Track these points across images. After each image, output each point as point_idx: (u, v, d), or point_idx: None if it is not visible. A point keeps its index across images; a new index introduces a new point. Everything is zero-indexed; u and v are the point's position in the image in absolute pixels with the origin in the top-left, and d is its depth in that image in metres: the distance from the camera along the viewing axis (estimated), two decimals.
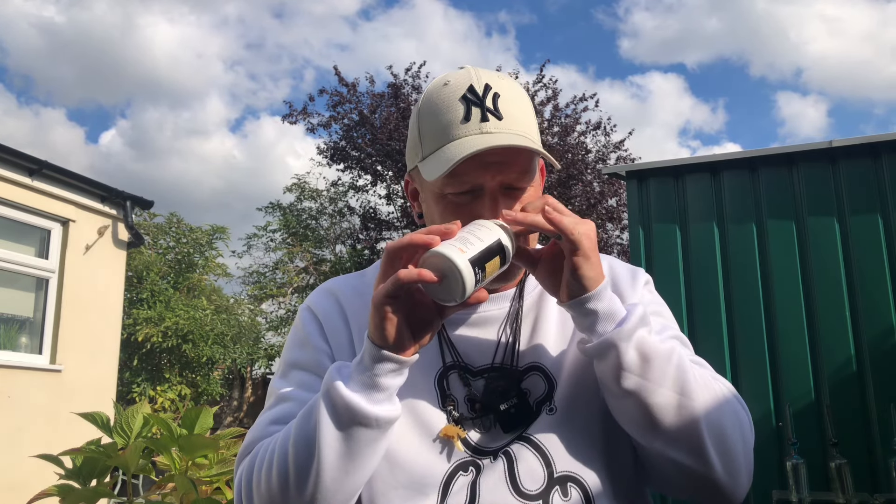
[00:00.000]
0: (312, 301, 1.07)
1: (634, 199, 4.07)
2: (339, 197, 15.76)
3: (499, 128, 0.91)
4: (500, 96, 0.92)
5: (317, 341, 1.01)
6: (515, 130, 0.91)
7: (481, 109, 0.91)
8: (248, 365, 14.96)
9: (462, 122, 0.91)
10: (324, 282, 1.12)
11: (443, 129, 0.92)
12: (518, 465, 0.92)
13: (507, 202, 0.93)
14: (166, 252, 14.72)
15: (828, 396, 3.44)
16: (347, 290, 1.06)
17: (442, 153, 0.91)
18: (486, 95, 0.92)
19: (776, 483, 3.36)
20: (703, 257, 3.85)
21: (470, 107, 0.91)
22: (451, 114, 0.92)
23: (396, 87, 13.75)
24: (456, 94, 0.92)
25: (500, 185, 0.93)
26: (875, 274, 3.52)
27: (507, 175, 0.92)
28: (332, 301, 1.05)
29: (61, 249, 7.04)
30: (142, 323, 12.66)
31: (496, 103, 0.92)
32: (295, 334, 1.06)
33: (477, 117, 0.91)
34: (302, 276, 15.74)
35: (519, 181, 0.93)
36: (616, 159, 13.94)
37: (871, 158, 3.67)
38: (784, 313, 3.63)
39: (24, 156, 6.52)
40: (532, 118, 0.96)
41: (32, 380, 6.56)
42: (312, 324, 1.03)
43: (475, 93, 0.92)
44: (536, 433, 0.93)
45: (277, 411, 0.97)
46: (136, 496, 3.21)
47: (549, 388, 0.96)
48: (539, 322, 1.01)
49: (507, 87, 0.94)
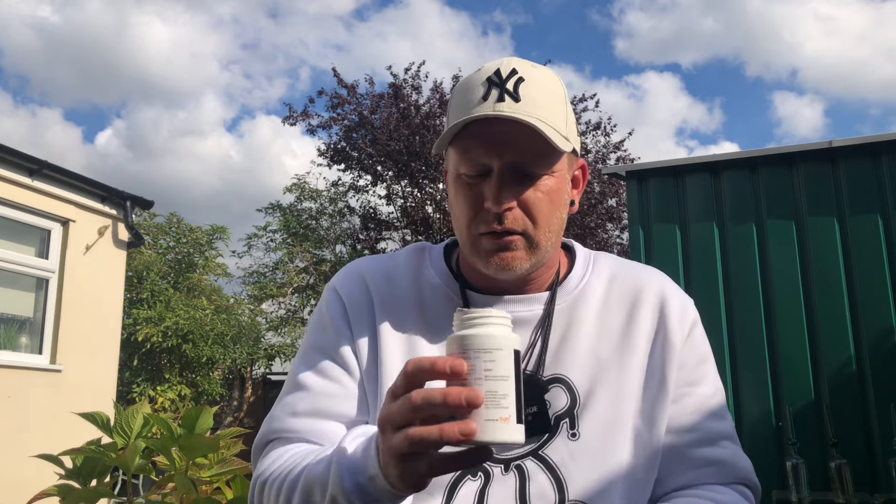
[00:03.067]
0: (339, 282, 1.03)
1: (634, 200, 4.07)
2: (339, 197, 15.76)
3: (512, 109, 0.88)
4: (525, 81, 0.90)
5: (339, 325, 0.99)
6: (529, 112, 0.88)
7: (500, 90, 0.89)
8: (248, 365, 14.94)
9: (479, 102, 0.89)
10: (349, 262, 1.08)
11: (461, 108, 0.91)
12: (530, 484, 0.90)
13: (516, 188, 0.90)
14: (166, 252, 14.71)
15: (828, 396, 3.44)
16: (377, 274, 1.02)
17: (451, 128, 0.90)
18: (510, 79, 0.89)
19: (776, 483, 3.36)
20: (703, 257, 3.85)
21: (490, 88, 0.89)
22: (472, 94, 0.90)
23: (396, 87, 13.75)
24: (482, 77, 0.91)
25: (509, 167, 0.89)
26: (875, 274, 3.52)
27: (516, 156, 0.89)
28: (360, 284, 1.01)
29: (61, 249, 7.04)
30: (142, 323, 12.65)
31: (517, 86, 0.89)
32: (318, 315, 1.03)
33: (494, 98, 0.89)
34: (302, 276, 15.74)
35: (530, 165, 0.90)
36: (616, 160, 13.94)
37: (871, 158, 3.67)
38: (784, 313, 3.63)
39: (24, 156, 6.52)
40: (558, 107, 0.92)
41: (32, 380, 6.56)
42: (337, 306, 1.00)
43: (499, 75, 0.90)
44: (554, 455, 0.91)
45: (294, 401, 0.96)
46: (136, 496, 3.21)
47: (571, 404, 0.93)
48: (570, 330, 0.97)
49: (536, 74, 0.92)
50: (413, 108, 13.58)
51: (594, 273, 1.03)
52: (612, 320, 0.98)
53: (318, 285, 15.25)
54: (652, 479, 0.94)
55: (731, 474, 0.96)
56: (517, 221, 0.91)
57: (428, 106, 13.66)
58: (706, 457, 0.95)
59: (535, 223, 0.91)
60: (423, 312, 0.99)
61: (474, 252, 0.94)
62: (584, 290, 1.00)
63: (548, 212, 0.92)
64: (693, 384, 0.98)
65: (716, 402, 0.99)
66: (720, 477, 0.95)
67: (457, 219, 0.95)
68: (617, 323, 0.98)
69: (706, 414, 0.97)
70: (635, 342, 0.97)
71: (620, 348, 0.96)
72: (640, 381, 0.96)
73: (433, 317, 0.98)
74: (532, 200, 0.91)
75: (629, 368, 0.95)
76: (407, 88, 13.78)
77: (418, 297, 1.00)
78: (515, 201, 0.90)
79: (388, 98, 13.88)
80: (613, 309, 0.99)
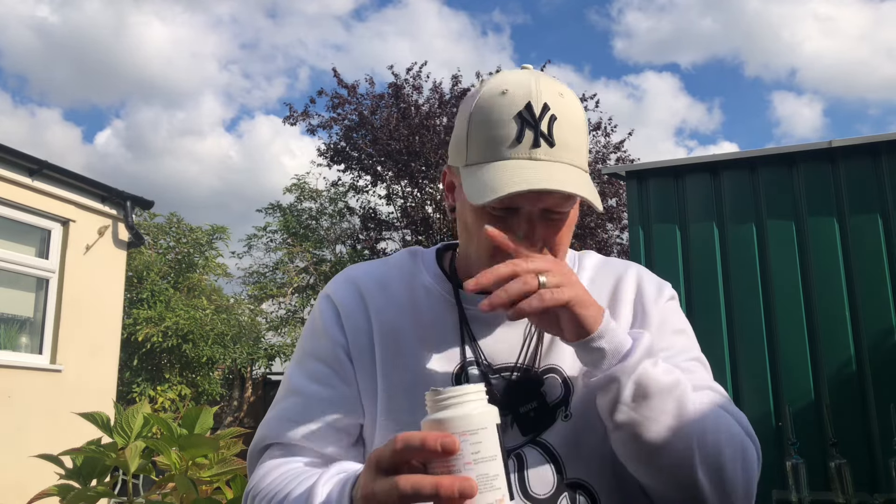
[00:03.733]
0: (333, 290, 1.04)
1: (634, 200, 4.08)
2: (338, 197, 15.77)
3: (549, 155, 0.88)
4: (557, 119, 0.89)
5: (334, 332, 1.00)
6: (565, 160, 0.89)
7: (535, 133, 0.88)
8: (248, 365, 14.94)
9: (513, 144, 0.88)
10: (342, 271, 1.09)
11: (493, 144, 0.90)
12: (528, 469, 0.91)
13: (544, 226, 0.92)
14: (166, 252, 14.71)
15: (828, 396, 3.44)
16: (370, 281, 1.04)
17: (487, 173, 0.88)
18: (543, 117, 0.89)
19: (776, 483, 3.36)
20: (703, 257, 3.85)
21: (524, 128, 0.88)
22: (504, 130, 0.89)
23: (397, 88, 13.75)
24: (512, 110, 0.89)
25: (541, 211, 0.92)
26: (875, 274, 3.52)
27: (549, 202, 0.91)
28: (354, 292, 1.02)
29: (61, 249, 7.04)
30: (142, 323, 12.65)
31: (551, 127, 0.89)
32: (312, 323, 1.04)
33: (528, 142, 0.88)
34: (302, 276, 15.73)
35: (560, 206, 0.92)
36: (616, 160, 13.94)
37: (871, 158, 3.67)
38: (784, 313, 3.63)
39: (24, 156, 6.52)
40: (584, 142, 0.94)
41: (32, 380, 6.56)
42: (331, 314, 1.01)
43: (532, 112, 0.89)
44: (550, 438, 0.93)
45: (289, 406, 0.98)
46: (136, 496, 3.21)
47: (566, 392, 0.95)
48: None
49: (566, 107, 0.91)
50: (413, 107, 13.58)
51: (579, 271, 1.06)
52: None
53: (318, 285, 15.25)
54: None
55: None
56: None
57: (428, 106, 13.67)
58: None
59: (555, 254, 0.95)
60: (417, 316, 1.00)
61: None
62: None
63: (567, 240, 0.97)
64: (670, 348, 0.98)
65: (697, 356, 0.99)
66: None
67: (473, 242, 0.95)
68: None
69: (687, 361, 0.97)
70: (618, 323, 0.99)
71: None
72: None
73: (428, 319, 1.00)
74: (558, 236, 0.95)
75: None
76: (408, 88, 13.79)
77: (412, 300, 1.01)
78: (542, 239, 0.93)
79: (389, 98, 13.89)
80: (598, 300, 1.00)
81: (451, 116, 13.34)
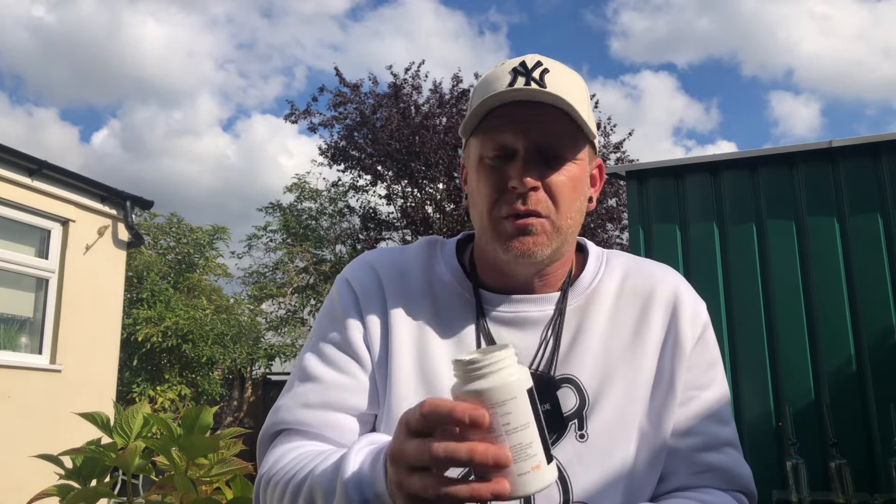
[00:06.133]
0: (351, 274, 1.02)
1: (634, 200, 4.08)
2: (338, 197, 15.76)
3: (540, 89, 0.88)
4: (550, 72, 0.89)
5: (351, 316, 0.97)
6: (558, 94, 0.88)
7: (526, 78, 0.88)
8: (248, 365, 14.93)
9: (505, 88, 0.89)
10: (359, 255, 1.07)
11: (486, 94, 0.90)
12: None
13: (541, 169, 0.89)
14: (166, 252, 14.71)
15: (828, 396, 3.44)
16: (388, 267, 1.01)
17: (477, 107, 0.89)
18: (535, 69, 0.89)
19: (776, 483, 3.36)
20: (703, 257, 3.85)
21: (517, 76, 0.89)
22: (497, 82, 0.90)
23: (397, 87, 13.76)
24: (507, 68, 0.90)
25: (535, 149, 0.89)
26: (875, 274, 3.52)
27: (542, 137, 0.88)
28: (372, 276, 1.00)
29: (61, 249, 7.04)
30: (142, 323, 12.64)
31: (543, 76, 0.88)
32: (329, 306, 1.02)
33: (520, 84, 0.88)
34: (302, 276, 15.73)
35: (556, 147, 0.89)
36: (616, 160, 13.95)
37: (871, 158, 3.67)
38: (784, 313, 3.63)
39: (23, 156, 6.52)
40: (583, 98, 0.91)
41: (32, 380, 6.56)
42: (349, 298, 0.99)
43: (524, 66, 0.89)
44: (561, 456, 0.90)
45: (305, 391, 0.95)
46: (136, 496, 3.21)
47: (580, 405, 0.92)
48: (581, 331, 0.96)
49: (561, 68, 0.91)
50: (413, 107, 13.58)
51: (607, 272, 1.01)
52: (623, 320, 0.98)
53: (318, 285, 15.25)
54: (654, 479, 0.94)
55: (731, 481, 0.96)
56: (541, 203, 0.89)
57: (427, 106, 13.67)
58: (707, 462, 0.95)
59: (557, 207, 0.90)
60: (434, 307, 0.98)
61: (494, 237, 0.92)
62: (597, 289, 0.99)
63: (571, 197, 0.92)
64: (701, 388, 0.97)
65: (721, 407, 0.99)
66: (719, 483, 0.95)
67: (477, 204, 0.94)
68: (628, 323, 0.98)
69: (711, 419, 0.97)
70: (646, 343, 0.96)
71: (631, 349, 0.96)
72: (648, 383, 0.95)
73: (444, 312, 0.98)
74: (556, 183, 0.90)
75: (639, 369, 0.95)
76: (407, 88, 13.79)
77: (429, 291, 0.99)
78: (540, 182, 0.89)
79: (389, 98, 13.89)
80: (625, 308, 0.99)
81: (451, 116, 13.34)
